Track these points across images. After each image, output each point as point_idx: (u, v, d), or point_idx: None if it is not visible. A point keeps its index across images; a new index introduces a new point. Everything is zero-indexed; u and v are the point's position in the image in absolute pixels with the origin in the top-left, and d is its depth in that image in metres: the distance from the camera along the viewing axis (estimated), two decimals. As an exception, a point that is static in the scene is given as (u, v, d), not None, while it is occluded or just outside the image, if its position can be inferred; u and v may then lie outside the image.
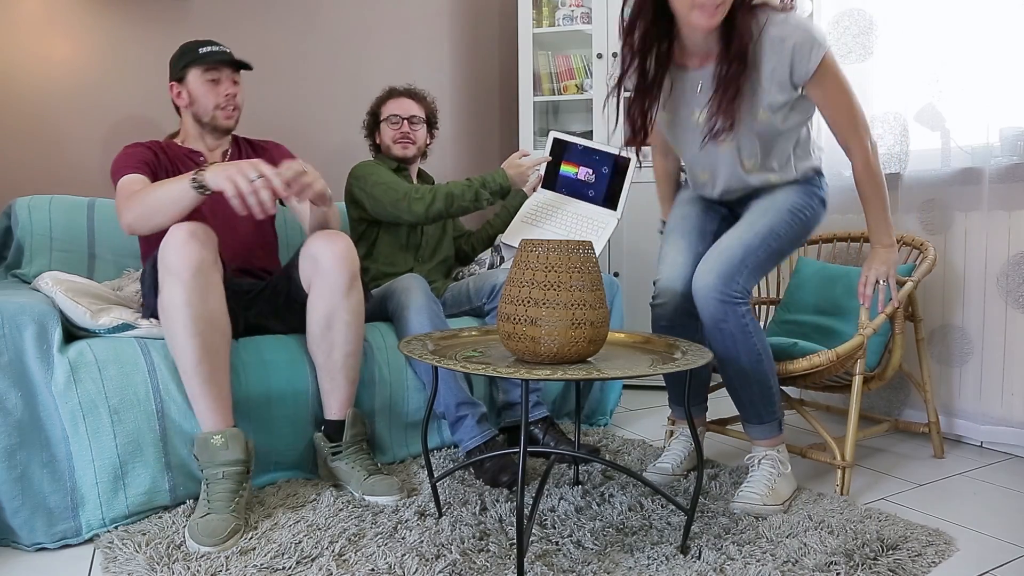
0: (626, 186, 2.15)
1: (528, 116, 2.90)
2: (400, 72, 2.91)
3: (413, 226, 2.22)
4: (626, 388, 2.74)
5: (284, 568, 1.29)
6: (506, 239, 2.22)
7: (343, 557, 1.34)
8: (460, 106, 3.17)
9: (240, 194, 1.44)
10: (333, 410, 1.71)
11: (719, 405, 2.15)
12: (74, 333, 1.58)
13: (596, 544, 1.40)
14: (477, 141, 3.23)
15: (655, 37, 1.57)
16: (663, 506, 1.59)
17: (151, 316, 1.65)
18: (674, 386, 1.86)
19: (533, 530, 1.45)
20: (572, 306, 1.29)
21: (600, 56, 2.78)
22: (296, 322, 1.73)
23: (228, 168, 1.46)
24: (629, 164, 2.14)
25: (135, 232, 1.63)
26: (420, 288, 1.92)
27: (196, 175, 1.51)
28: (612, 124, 1.77)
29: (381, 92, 2.36)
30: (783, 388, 1.85)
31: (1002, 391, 2.06)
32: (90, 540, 1.45)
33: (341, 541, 1.39)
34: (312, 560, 1.32)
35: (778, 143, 1.65)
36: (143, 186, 1.66)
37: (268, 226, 2.01)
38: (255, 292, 1.80)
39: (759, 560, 1.33)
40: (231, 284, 1.62)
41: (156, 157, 1.80)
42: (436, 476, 1.57)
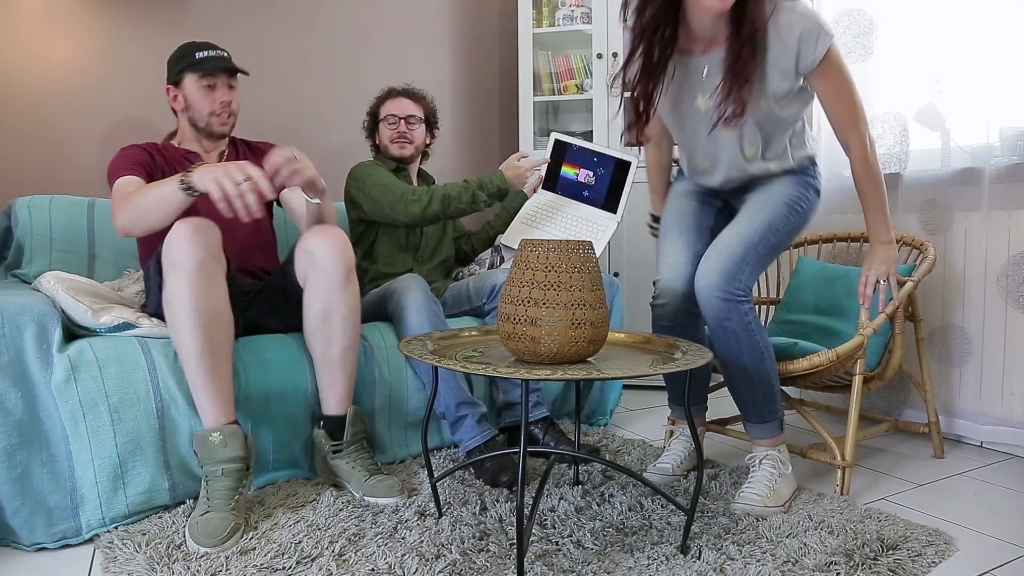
0: (626, 189, 2.13)
1: (528, 116, 2.89)
2: (400, 72, 2.91)
3: (410, 227, 2.22)
4: (626, 388, 2.74)
5: (284, 568, 1.29)
6: (505, 240, 2.22)
7: (343, 557, 1.34)
8: (460, 106, 3.17)
9: (226, 197, 1.43)
10: (331, 405, 1.70)
11: (719, 405, 2.15)
12: (75, 332, 1.58)
13: (596, 544, 1.40)
14: (477, 141, 3.23)
15: (662, 19, 1.56)
16: (663, 506, 1.59)
17: (154, 314, 1.65)
18: (674, 386, 1.86)
19: (533, 530, 1.45)
20: (572, 306, 1.29)
21: (600, 56, 2.78)
22: (294, 319, 1.73)
23: (215, 170, 1.45)
24: (630, 167, 2.13)
25: (129, 234, 1.62)
26: (419, 288, 1.92)
27: (184, 176, 1.50)
28: (617, 107, 1.75)
29: (380, 92, 2.37)
30: (783, 388, 1.85)
31: (1002, 391, 2.06)
32: (90, 540, 1.45)
33: (341, 541, 1.39)
34: (312, 560, 1.32)
35: (777, 132, 1.65)
36: (137, 187, 1.66)
37: (267, 227, 2.01)
38: (254, 292, 1.80)
39: (759, 560, 1.33)
40: (232, 283, 1.62)
41: (152, 159, 1.80)
42: (436, 476, 1.57)
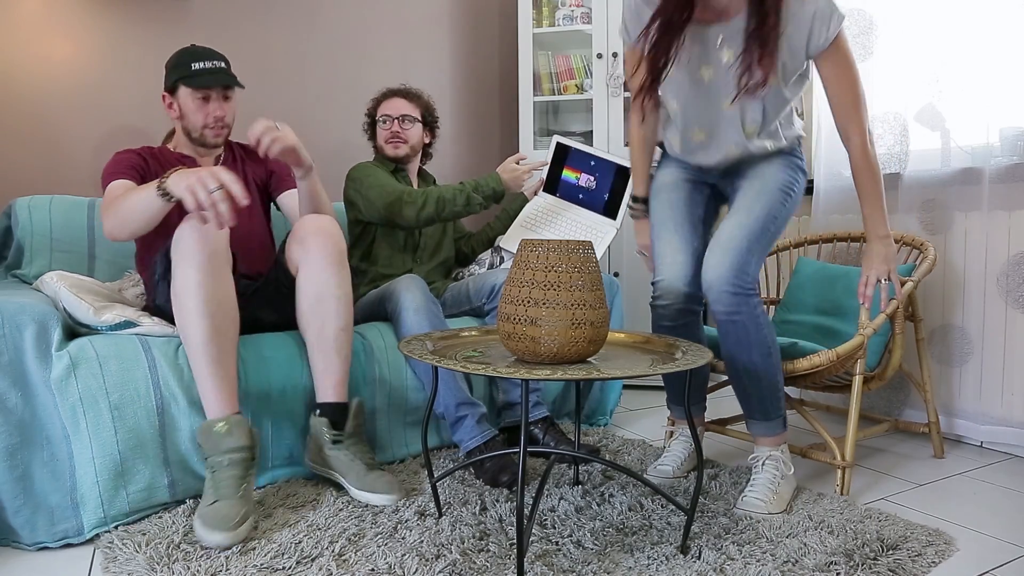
0: (627, 196, 2.11)
1: (528, 116, 2.90)
2: (400, 72, 2.91)
3: (406, 229, 2.22)
4: (626, 388, 2.74)
5: (284, 568, 1.29)
6: (504, 244, 2.21)
7: (343, 557, 1.34)
8: (460, 106, 3.17)
9: (199, 205, 1.41)
10: (328, 391, 1.67)
11: (719, 405, 2.16)
12: (76, 331, 1.58)
13: (596, 544, 1.40)
14: (477, 141, 3.23)
15: None
16: (663, 506, 1.59)
17: (156, 311, 1.65)
18: (672, 386, 1.86)
19: (533, 530, 1.45)
20: (572, 306, 1.29)
21: (600, 56, 2.78)
22: (289, 309, 1.72)
23: (189, 177, 1.43)
24: (631, 173, 2.12)
25: (116, 238, 1.61)
26: (418, 288, 1.92)
27: (161, 183, 1.49)
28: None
29: (377, 94, 2.36)
30: (783, 388, 1.85)
31: (1002, 391, 2.06)
32: (91, 539, 1.45)
33: (341, 541, 1.39)
34: (312, 560, 1.32)
35: (776, 110, 1.64)
36: (125, 192, 1.65)
37: (264, 229, 2.00)
38: (250, 292, 1.80)
39: (759, 560, 1.33)
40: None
41: (146, 162, 1.79)
42: (436, 476, 1.57)
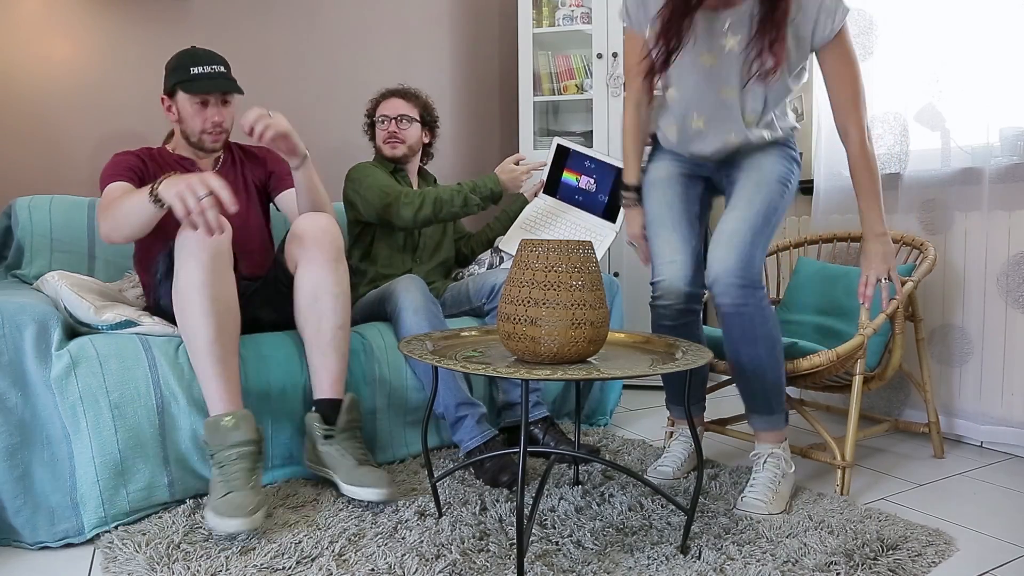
0: None
1: (528, 116, 2.90)
2: (400, 72, 2.91)
3: (404, 229, 2.21)
4: (626, 388, 2.74)
5: (284, 568, 1.29)
6: (504, 246, 2.21)
7: (343, 557, 1.34)
8: (460, 106, 3.17)
9: (188, 212, 1.41)
10: (324, 387, 1.67)
11: (719, 405, 2.16)
12: (76, 330, 1.58)
13: (596, 544, 1.40)
14: (477, 141, 3.23)
15: None
16: (663, 506, 1.59)
17: (156, 310, 1.65)
18: (672, 386, 1.86)
19: (533, 530, 1.46)
20: (572, 306, 1.29)
21: (600, 56, 2.78)
22: (288, 309, 1.72)
23: (178, 184, 1.43)
24: (623, 162, 2.13)
25: (112, 241, 1.61)
26: (417, 288, 1.92)
27: (153, 188, 1.49)
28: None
29: (375, 94, 2.36)
30: (783, 388, 1.86)
31: (1002, 391, 2.06)
32: (92, 539, 1.45)
33: (341, 541, 1.39)
34: (312, 560, 1.32)
35: (775, 100, 1.64)
36: (122, 194, 1.65)
37: (263, 231, 2.00)
38: (249, 293, 1.80)
39: (759, 560, 1.33)
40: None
41: (144, 164, 1.79)
42: (436, 476, 1.57)
